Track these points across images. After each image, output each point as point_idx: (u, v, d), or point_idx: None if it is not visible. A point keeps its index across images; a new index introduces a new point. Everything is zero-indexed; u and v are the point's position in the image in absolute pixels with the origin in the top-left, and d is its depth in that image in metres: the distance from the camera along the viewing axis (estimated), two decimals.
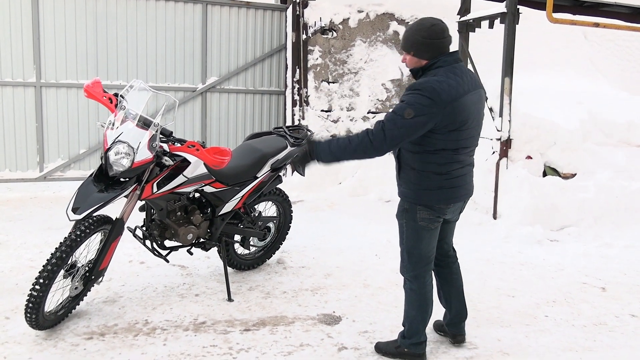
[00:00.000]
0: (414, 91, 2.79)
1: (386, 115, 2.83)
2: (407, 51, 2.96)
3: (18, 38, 7.00)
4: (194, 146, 3.45)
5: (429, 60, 2.91)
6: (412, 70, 2.99)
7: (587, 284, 4.63)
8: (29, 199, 6.89)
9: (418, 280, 3.13)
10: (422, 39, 2.88)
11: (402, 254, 3.16)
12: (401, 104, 2.79)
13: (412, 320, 3.18)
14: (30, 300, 3.12)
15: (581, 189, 6.38)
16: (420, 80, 2.85)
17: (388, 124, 2.78)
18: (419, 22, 2.97)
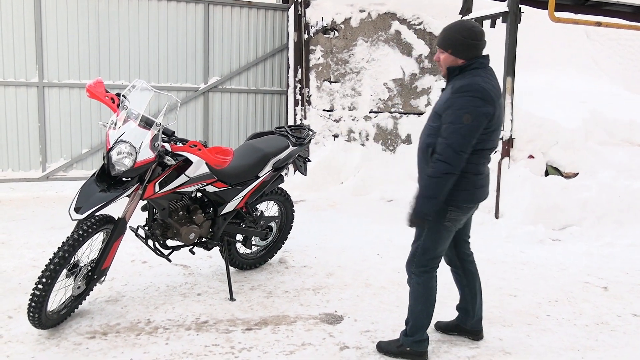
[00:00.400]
0: (463, 94, 2.85)
1: (445, 129, 2.85)
2: (445, 49, 3.00)
3: (21, 38, 7.02)
4: (195, 146, 3.46)
5: (465, 60, 2.96)
6: (449, 69, 3.01)
7: (589, 283, 4.62)
8: (31, 198, 6.91)
9: (426, 274, 3.16)
10: (463, 39, 2.94)
11: (416, 250, 3.15)
12: (455, 112, 2.83)
13: (417, 315, 3.18)
14: (33, 299, 3.13)
15: (583, 188, 6.38)
16: (466, 82, 2.88)
17: (453, 139, 2.82)
18: (459, 23, 3.05)
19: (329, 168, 7.65)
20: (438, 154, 2.87)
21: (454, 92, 2.88)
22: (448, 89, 2.99)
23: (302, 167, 4.70)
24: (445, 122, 2.87)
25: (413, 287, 3.20)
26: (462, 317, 3.49)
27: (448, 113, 2.87)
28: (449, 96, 2.92)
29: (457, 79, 2.97)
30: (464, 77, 2.93)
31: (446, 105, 2.90)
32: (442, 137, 2.87)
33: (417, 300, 3.19)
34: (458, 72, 2.99)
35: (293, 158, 4.49)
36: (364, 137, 8.18)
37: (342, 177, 7.72)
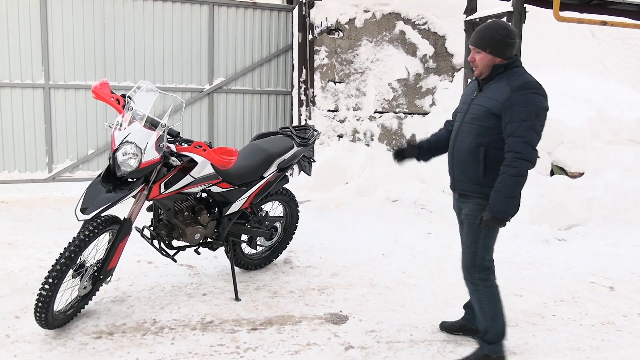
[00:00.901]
0: (526, 91, 2.86)
1: (517, 127, 2.83)
2: (482, 49, 2.99)
3: (27, 40, 7.06)
4: (200, 146, 3.47)
5: (503, 59, 2.98)
6: (495, 67, 2.99)
7: (595, 283, 4.61)
8: (38, 199, 6.94)
9: (491, 274, 3.16)
10: (501, 38, 2.95)
11: (474, 255, 3.11)
12: (524, 109, 2.83)
13: (496, 318, 3.14)
14: (40, 299, 3.15)
15: (589, 188, 6.36)
16: (525, 80, 2.91)
17: (530, 136, 2.83)
18: (495, 22, 3.03)
19: (334, 168, 7.65)
20: (517, 152, 2.83)
21: (515, 90, 2.87)
22: (499, 87, 2.95)
23: (307, 167, 4.71)
24: (514, 120, 2.84)
25: (484, 293, 3.13)
26: (469, 316, 3.49)
27: (515, 111, 2.84)
28: (508, 95, 2.88)
29: (503, 77, 2.97)
30: (513, 75, 2.95)
31: (508, 103, 2.87)
32: (516, 135, 2.83)
33: (492, 304, 3.14)
34: (503, 70, 2.99)
35: (298, 158, 4.50)
36: (368, 138, 8.18)
37: (347, 177, 7.72)
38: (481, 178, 3.02)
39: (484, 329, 3.18)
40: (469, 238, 3.14)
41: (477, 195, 3.06)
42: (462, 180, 3.12)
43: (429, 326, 3.65)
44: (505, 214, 2.90)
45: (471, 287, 3.19)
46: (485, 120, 2.98)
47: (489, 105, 2.98)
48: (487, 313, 3.14)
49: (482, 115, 3.00)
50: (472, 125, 3.05)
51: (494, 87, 2.99)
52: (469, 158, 3.05)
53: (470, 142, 3.04)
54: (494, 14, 6.98)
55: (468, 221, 3.12)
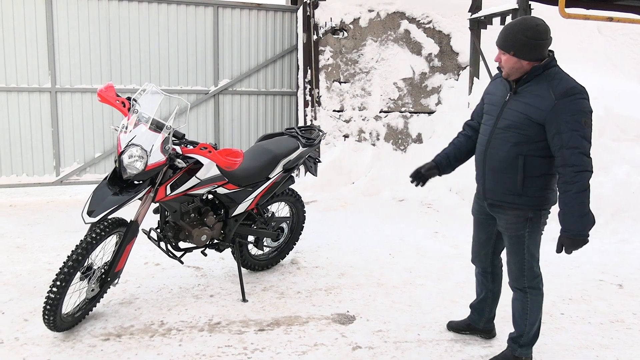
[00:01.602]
0: (571, 97, 2.69)
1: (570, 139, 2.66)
2: (507, 51, 2.81)
3: (33, 45, 7.11)
4: (206, 148, 3.47)
5: (530, 61, 2.79)
6: (534, 68, 2.80)
7: (603, 281, 4.58)
8: (45, 202, 6.98)
9: (541, 282, 3.10)
10: (526, 39, 2.76)
11: (521, 265, 3.02)
12: (573, 118, 2.66)
13: (535, 323, 3.11)
14: (48, 302, 3.16)
15: (597, 185, 6.29)
16: (569, 85, 2.73)
17: (584, 145, 2.68)
18: (522, 21, 2.83)
19: (340, 168, 7.65)
20: (575, 165, 2.66)
21: (561, 97, 2.69)
22: (540, 92, 2.76)
23: (313, 167, 4.71)
24: (565, 130, 2.66)
25: (532, 300, 3.07)
26: (475, 316, 3.48)
27: (564, 120, 2.66)
28: (553, 102, 2.69)
29: (542, 80, 2.79)
30: (554, 78, 2.76)
31: (554, 112, 2.69)
32: (570, 146, 2.66)
33: (537, 311, 3.10)
34: (541, 72, 2.81)
35: (303, 159, 4.50)
36: (374, 137, 8.17)
37: (353, 177, 7.71)
38: (520, 188, 2.86)
39: (519, 332, 3.13)
40: (513, 249, 3.02)
41: (515, 207, 2.92)
42: (497, 190, 2.95)
43: (436, 326, 3.64)
44: (583, 233, 2.73)
45: (519, 295, 3.11)
46: (526, 128, 2.79)
47: (530, 112, 2.78)
48: (529, 319, 3.09)
49: (522, 123, 2.80)
50: (508, 132, 2.85)
51: (534, 91, 2.79)
52: (506, 168, 2.87)
53: (508, 151, 2.85)
54: (498, 12, 6.96)
55: (509, 234, 3.00)
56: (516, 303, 3.15)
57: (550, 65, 2.81)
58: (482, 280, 3.41)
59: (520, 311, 3.12)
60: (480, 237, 3.27)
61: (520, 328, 3.13)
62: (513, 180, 2.86)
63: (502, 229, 3.05)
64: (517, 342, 3.15)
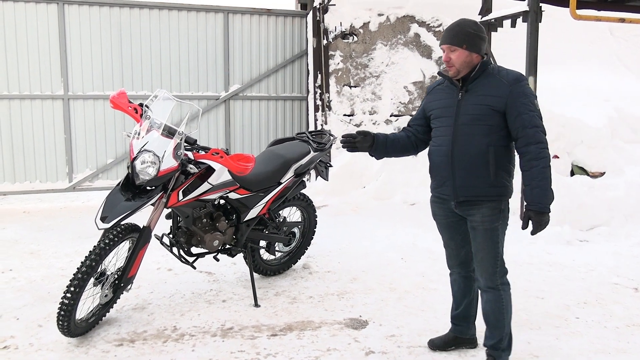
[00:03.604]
0: (521, 83, 2.85)
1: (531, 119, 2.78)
2: (459, 45, 2.86)
3: (46, 53, 7.18)
4: (218, 153, 3.49)
5: (478, 54, 2.89)
6: (483, 63, 2.89)
7: (618, 284, 4.53)
8: (59, 209, 7.04)
9: (508, 278, 3.08)
10: (475, 32, 2.89)
11: (495, 262, 2.98)
12: (528, 100, 2.81)
13: (508, 324, 3.06)
14: (62, 308, 3.18)
15: (610, 187, 6.27)
16: (514, 72, 2.89)
17: (540, 124, 2.83)
18: (463, 19, 2.96)
19: (351, 173, 7.64)
20: (540, 142, 2.79)
21: (513, 82, 2.82)
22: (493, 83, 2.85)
23: (324, 172, 4.71)
24: (524, 111, 2.78)
25: (505, 297, 3.02)
26: (461, 327, 3.34)
27: (522, 102, 2.80)
28: (508, 88, 2.80)
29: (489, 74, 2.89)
30: (498, 70, 2.91)
31: (511, 97, 2.80)
32: (532, 125, 2.78)
33: (508, 310, 3.05)
34: (485, 67, 2.91)
35: (315, 163, 4.50)
36: None
37: (364, 181, 7.70)
38: (493, 179, 2.87)
39: (499, 336, 3.05)
40: (487, 244, 2.96)
41: (489, 199, 2.91)
42: (470, 186, 2.91)
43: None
44: (549, 208, 2.80)
45: (493, 295, 3.02)
46: (489, 119, 2.85)
47: (490, 102, 2.84)
48: (507, 318, 3.03)
49: (485, 113, 2.85)
50: (474, 126, 2.87)
51: (486, 83, 2.87)
52: (478, 161, 2.87)
53: (477, 144, 2.86)
54: (509, 14, 6.93)
55: (484, 227, 2.94)
56: (490, 305, 3.05)
57: (489, 63, 2.93)
58: (465, 284, 3.26)
59: (497, 313, 3.03)
60: (456, 238, 3.16)
61: (500, 331, 3.05)
62: (486, 173, 2.88)
63: (477, 224, 2.96)
64: (498, 347, 3.07)
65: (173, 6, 7.66)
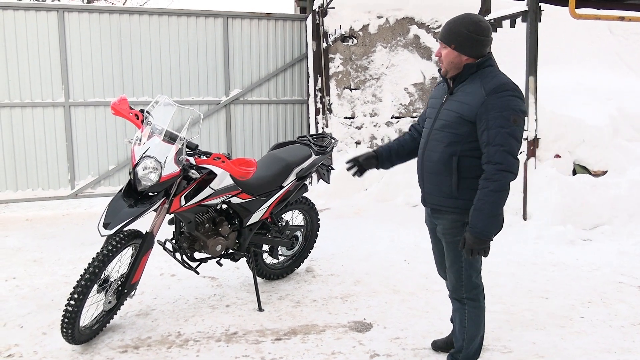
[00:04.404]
0: (501, 94, 2.59)
1: (496, 136, 2.56)
2: (448, 44, 2.71)
3: (46, 60, 7.20)
4: (219, 158, 3.49)
5: (470, 57, 2.70)
6: (467, 66, 2.71)
7: (623, 283, 4.52)
8: (61, 216, 7.04)
9: (481, 294, 2.94)
10: (468, 34, 2.66)
11: (459, 274, 2.87)
12: (501, 114, 2.56)
13: (474, 339, 2.97)
14: (66, 315, 3.18)
15: (613, 186, 6.25)
16: (500, 81, 2.63)
17: (510, 144, 2.56)
18: (465, 15, 2.73)
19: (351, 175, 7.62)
20: (497, 163, 2.56)
21: (490, 92, 2.59)
22: (473, 90, 2.67)
23: (326, 175, 4.71)
24: (492, 127, 2.56)
25: (469, 313, 2.92)
26: None
27: (492, 116, 2.57)
28: (482, 98, 2.61)
29: (475, 78, 2.69)
30: (486, 76, 2.66)
31: (483, 108, 2.60)
32: (495, 144, 2.56)
33: (475, 326, 2.95)
34: (475, 70, 2.71)
35: (316, 167, 4.50)
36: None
37: (366, 183, 7.69)
38: (455, 191, 2.74)
39: (458, 348, 3.02)
40: (450, 256, 2.89)
41: (451, 210, 2.79)
42: (434, 194, 2.83)
43: None
44: (488, 234, 2.62)
45: (457, 305, 2.97)
46: (458, 127, 2.69)
47: (461, 110, 2.68)
48: (467, 333, 2.95)
49: (455, 121, 2.71)
50: (442, 132, 2.76)
51: (467, 90, 2.70)
52: (441, 169, 2.76)
53: (441, 152, 2.75)
54: (508, 14, 6.93)
55: (446, 240, 2.87)
56: (455, 315, 3.00)
57: (485, 65, 2.71)
58: None
59: (458, 324, 2.98)
60: (439, 245, 3.06)
61: (459, 343, 2.99)
62: (448, 183, 2.75)
63: (441, 235, 2.91)
64: (455, 358, 3.04)
65: (172, 12, 7.68)
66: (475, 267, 2.89)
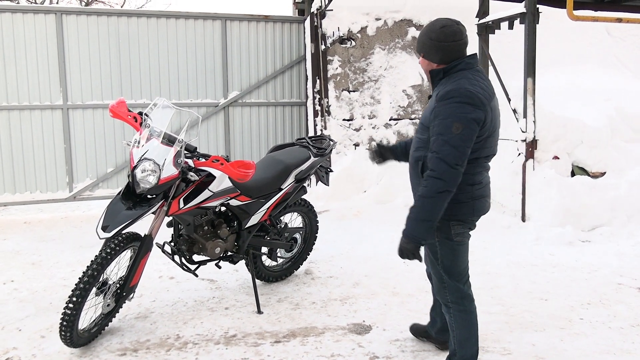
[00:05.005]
0: (448, 101, 2.59)
1: (434, 142, 2.61)
2: (419, 53, 2.83)
3: (44, 63, 7.19)
4: (218, 160, 3.48)
5: (439, 64, 2.75)
6: (432, 72, 2.78)
7: (622, 284, 4.52)
8: (59, 219, 7.03)
9: (465, 299, 2.91)
10: (431, 41, 2.74)
11: (439, 277, 2.91)
12: (442, 122, 2.58)
13: (465, 343, 2.94)
14: (65, 318, 3.17)
15: (612, 187, 6.26)
16: (451, 87, 2.63)
17: (445, 151, 2.56)
18: (430, 24, 2.81)
19: (352, 177, 7.63)
20: (430, 169, 2.59)
21: (439, 99, 2.63)
22: (434, 96, 2.73)
23: (325, 177, 4.70)
24: (434, 133, 2.61)
25: (455, 317, 2.92)
26: (430, 323, 3.42)
27: (436, 123, 2.61)
28: (434, 105, 2.66)
29: (441, 84, 2.73)
30: (448, 82, 2.68)
31: (433, 115, 2.64)
32: (432, 150, 2.60)
33: (464, 329, 2.93)
34: (442, 76, 2.75)
35: (315, 169, 4.50)
36: None
37: (365, 185, 7.69)
38: None
39: (452, 351, 3.02)
40: (429, 259, 2.94)
41: None
42: (413, 195, 2.87)
43: None
44: (414, 238, 2.64)
45: (444, 308, 2.99)
46: (422, 133, 2.78)
47: (423, 117, 2.80)
48: (456, 337, 2.95)
49: (420, 128, 2.82)
50: (415, 138, 2.88)
51: (433, 96, 2.76)
52: (412, 173, 2.88)
53: (411, 156, 2.88)
54: (506, 16, 6.94)
55: None
56: (446, 318, 3.02)
57: (454, 70, 2.72)
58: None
59: (449, 327, 3.00)
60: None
61: (452, 347, 3.01)
62: (418, 185, 2.78)
63: None
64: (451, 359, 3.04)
65: (171, 14, 7.67)
66: (455, 273, 2.88)
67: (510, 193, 6.52)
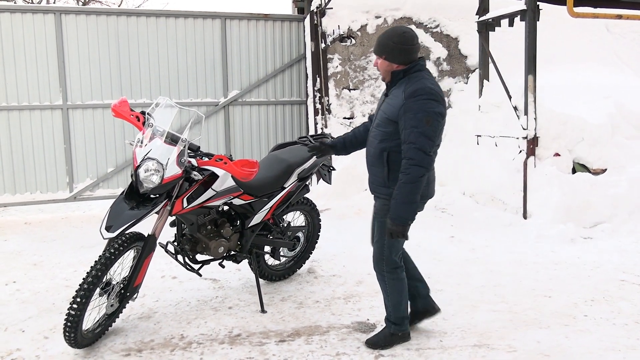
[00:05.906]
0: (417, 97, 2.97)
1: (409, 134, 2.97)
2: (380, 55, 3.14)
3: (44, 63, 7.17)
4: (221, 159, 3.47)
5: (399, 65, 3.10)
6: (394, 73, 3.12)
7: (625, 281, 4.52)
8: (60, 219, 7.02)
9: (399, 269, 3.35)
10: (394, 44, 3.08)
11: (382, 249, 3.31)
12: (415, 116, 2.95)
13: (397, 305, 3.37)
14: (69, 319, 3.16)
15: (613, 184, 6.26)
16: (417, 86, 3.00)
17: (422, 142, 2.95)
18: (391, 29, 3.17)
19: (353, 175, 7.62)
20: (410, 158, 2.97)
21: (408, 96, 2.99)
22: (398, 93, 3.06)
23: (327, 175, 4.69)
24: (407, 127, 2.97)
25: (390, 283, 3.36)
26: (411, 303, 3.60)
27: (408, 117, 2.97)
28: (402, 101, 3.00)
29: (403, 83, 3.08)
30: (410, 81, 3.05)
31: (402, 110, 2.99)
32: (408, 142, 2.97)
33: (396, 294, 3.36)
34: (402, 76, 3.10)
35: (317, 167, 4.49)
36: None
37: (366, 184, 7.63)
38: (386, 180, 3.18)
39: (388, 313, 3.43)
40: (377, 233, 3.34)
41: (383, 196, 3.24)
42: (373, 182, 3.29)
43: (458, 331, 3.60)
44: (402, 220, 3.05)
45: (378, 277, 3.41)
46: (386, 126, 3.12)
47: (388, 112, 3.11)
48: (392, 300, 3.37)
49: (383, 121, 3.14)
50: (377, 130, 3.20)
51: (394, 93, 3.11)
52: (376, 162, 3.22)
53: (375, 147, 3.20)
54: (506, 13, 6.94)
55: (377, 219, 3.33)
56: (380, 285, 3.44)
57: (412, 70, 3.09)
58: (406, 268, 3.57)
59: (384, 294, 3.42)
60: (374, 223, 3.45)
61: (387, 309, 3.43)
62: (382, 173, 3.19)
63: (374, 214, 3.38)
64: (390, 320, 3.42)
65: (170, 13, 7.66)
66: (396, 247, 3.31)
67: (511, 190, 6.51)
